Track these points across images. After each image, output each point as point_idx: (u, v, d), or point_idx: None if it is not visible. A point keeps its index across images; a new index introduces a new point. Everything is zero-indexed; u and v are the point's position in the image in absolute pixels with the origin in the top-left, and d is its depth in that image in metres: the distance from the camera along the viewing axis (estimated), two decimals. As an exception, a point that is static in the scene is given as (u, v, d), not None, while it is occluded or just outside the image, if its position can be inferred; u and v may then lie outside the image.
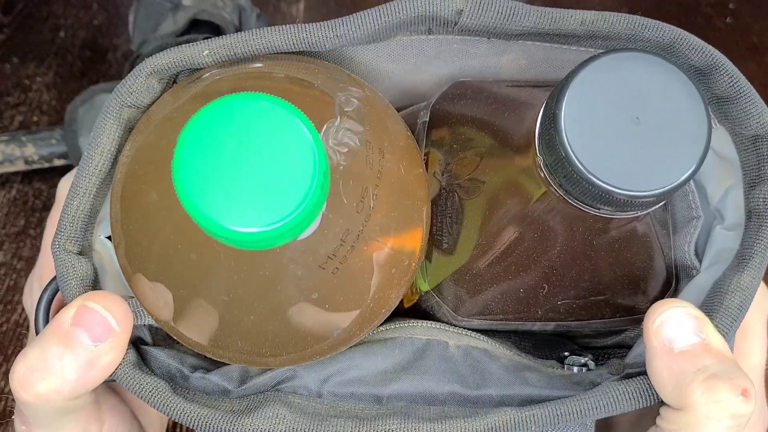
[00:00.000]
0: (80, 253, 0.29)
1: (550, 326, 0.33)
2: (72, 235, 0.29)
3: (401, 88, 0.36)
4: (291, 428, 0.27)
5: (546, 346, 0.35)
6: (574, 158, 0.23)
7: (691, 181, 0.32)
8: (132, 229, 0.27)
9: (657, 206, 0.25)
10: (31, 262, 0.58)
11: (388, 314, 0.29)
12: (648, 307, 0.28)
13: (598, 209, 0.25)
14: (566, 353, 0.32)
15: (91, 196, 0.29)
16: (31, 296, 0.36)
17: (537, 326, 0.33)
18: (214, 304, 0.26)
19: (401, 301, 0.36)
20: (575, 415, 0.27)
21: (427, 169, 0.32)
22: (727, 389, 0.25)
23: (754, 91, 0.29)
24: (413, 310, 0.35)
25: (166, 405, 0.28)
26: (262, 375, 0.30)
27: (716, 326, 0.27)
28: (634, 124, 0.24)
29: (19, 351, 0.50)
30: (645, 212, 0.25)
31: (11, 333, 0.54)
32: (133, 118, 0.30)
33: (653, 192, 0.23)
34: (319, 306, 0.26)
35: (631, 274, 0.30)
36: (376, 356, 0.30)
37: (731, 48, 0.71)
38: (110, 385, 0.33)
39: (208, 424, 0.28)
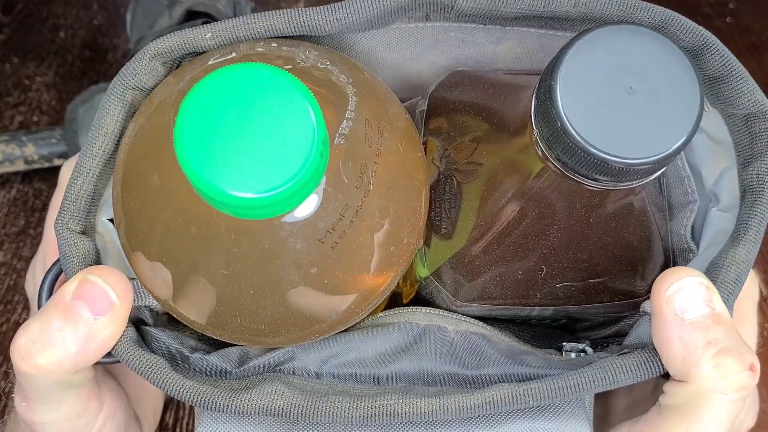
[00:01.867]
0: (83, 233, 0.30)
1: (548, 311, 0.33)
2: (75, 214, 0.29)
3: (400, 79, 0.36)
4: (289, 404, 0.28)
5: (545, 338, 0.35)
6: (570, 127, 0.24)
7: (686, 166, 0.33)
8: (132, 207, 0.28)
9: (652, 176, 0.25)
10: (31, 262, 0.59)
11: (387, 294, 0.29)
12: (646, 292, 0.28)
13: (595, 180, 0.25)
14: (564, 343, 0.33)
15: (95, 176, 0.29)
16: (34, 280, 0.36)
17: (536, 311, 0.33)
18: (213, 280, 0.27)
19: (400, 296, 0.36)
20: (573, 388, 0.27)
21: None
22: (737, 364, 0.26)
23: (745, 70, 0.30)
24: (412, 303, 0.35)
25: (165, 381, 0.28)
26: (261, 357, 0.30)
27: None
28: (628, 94, 0.24)
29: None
30: (641, 182, 0.26)
31: (11, 333, 0.54)
32: (136, 101, 0.30)
33: (648, 159, 0.24)
34: (318, 281, 0.27)
35: (628, 255, 0.31)
36: (375, 339, 0.31)
37: (731, 48, 0.71)
38: (109, 370, 0.34)
39: (206, 399, 0.28)
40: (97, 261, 0.30)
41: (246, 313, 0.27)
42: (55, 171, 0.64)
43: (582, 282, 0.31)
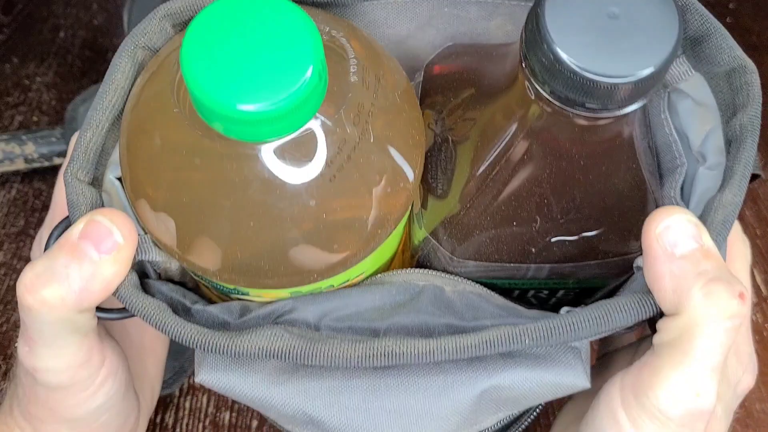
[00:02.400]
0: (90, 184, 0.31)
1: (544, 270, 0.34)
2: (84, 165, 0.30)
3: (400, 61, 0.38)
4: (288, 345, 0.28)
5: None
6: (558, 51, 0.26)
7: (674, 131, 0.34)
8: (136, 155, 0.29)
9: (636, 103, 0.27)
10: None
11: (384, 239, 0.30)
12: (639, 250, 0.29)
13: (583, 108, 0.27)
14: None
15: (104, 130, 0.31)
16: (40, 247, 0.36)
17: (532, 271, 0.34)
18: (214, 213, 0.28)
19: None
20: (568, 327, 0.28)
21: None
22: (726, 291, 0.26)
23: (723, 28, 0.31)
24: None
25: (165, 324, 0.28)
26: (261, 308, 0.31)
27: None
28: (611, 19, 0.26)
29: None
30: (626, 110, 0.27)
31: (11, 333, 0.54)
32: (146, 60, 0.32)
33: (632, 78, 0.25)
34: (316, 215, 0.28)
35: (621, 206, 0.32)
36: (374, 295, 0.31)
37: (731, 48, 0.71)
38: (111, 332, 0.34)
39: (206, 341, 0.28)
40: (100, 203, 0.31)
41: (247, 248, 0.28)
42: (55, 170, 0.64)
43: (576, 236, 0.32)
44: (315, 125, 0.26)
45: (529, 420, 0.36)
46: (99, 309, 0.31)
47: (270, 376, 0.30)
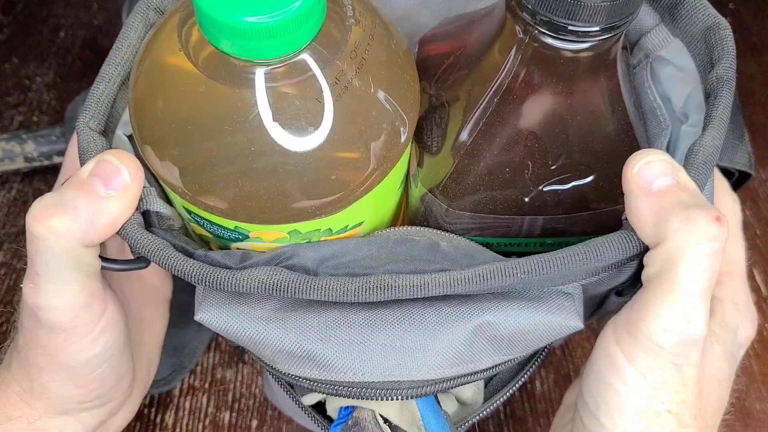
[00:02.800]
0: (102, 134, 0.32)
1: (538, 224, 0.35)
2: (95, 115, 0.32)
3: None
4: (287, 279, 0.29)
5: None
6: None
7: (657, 98, 0.36)
8: (143, 98, 0.30)
9: (624, 24, 0.29)
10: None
11: (379, 178, 0.31)
12: None
13: (567, 31, 0.28)
14: None
15: (116, 84, 0.33)
16: None
17: (526, 225, 0.35)
18: (216, 146, 0.29)
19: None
20: (560, 261, 0.29)
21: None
22: (703, 216, 0.27)
23: None
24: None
25: (167, 259, 0.29)
26: (261, 255, 0.32)
27: None
28: None
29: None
30: (608, 35, 0.29)
31: (11, 333, 0.54)
32: (158, 23, 0.33)
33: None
34: (316, 140, 0.29)
35: (610, 153, 0.33)
36: (371, 246, 0.32)
37: (731, 48, 0.71)
38: (114, 288, 0.35)
39: (207, 276, 0.29)
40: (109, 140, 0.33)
41: (247, 176, 0.29)
42: (55, 170, 0.64)
43: (568, 185, 0.33)
44: (314, 54, 0.28)
45: (528, 373, 0.37)
46: (103, 259, 0.32)
47: (268, 313, 0.31)
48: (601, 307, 0.38)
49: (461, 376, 0.32)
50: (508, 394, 0.37)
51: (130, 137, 0.34)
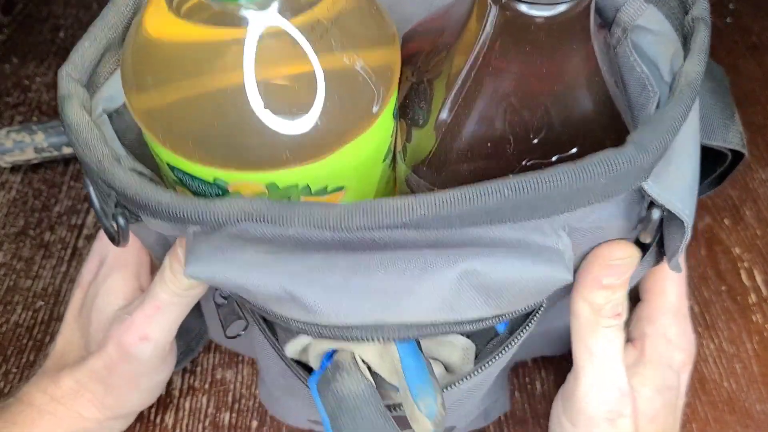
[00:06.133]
0: (84, 87, 0.33)
1: None
2: (77, 66, 0.33)
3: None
4: (267, 206, 0.29)
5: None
6: None
7: (643, 67, 0.37)
8: (131, 49, 0.33)
9: None
10: (30, 262, 0.58)
11: (355, 132, 0.32)
12: None
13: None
14: None
15: (101, 44, 0.34)
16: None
17: None
18: (197, 87, 0.31)
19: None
20: (547, 180, 0.28)
21: (399, 85, 0.37)
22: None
23: None
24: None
25: (144, 190, 0.29)
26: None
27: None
28: None
29: (19, 351, 0.50)
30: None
31: (11, 333, 0.54)
32: None
33: None
34: (291, 81, 0.30)
35: (591, 126, 0.33)
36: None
37: (731, 48, 0.71)
38: None
39: (184, 206, 0.29)
40: (89, 105, 0.34)
41: (221, 108, 0.30)
42: (55, 172, 0.64)
43: (550, 159, 0.33)
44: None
45: (517, 340, 0.36)
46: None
47: (252, 258, 0.30)
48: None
49: (447, 323, 0.31)
50: (496, 358, 0.36)
51: (110, 115, 0.36)
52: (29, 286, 0.57)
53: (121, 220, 0.32)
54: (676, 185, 0.31)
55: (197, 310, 0.43)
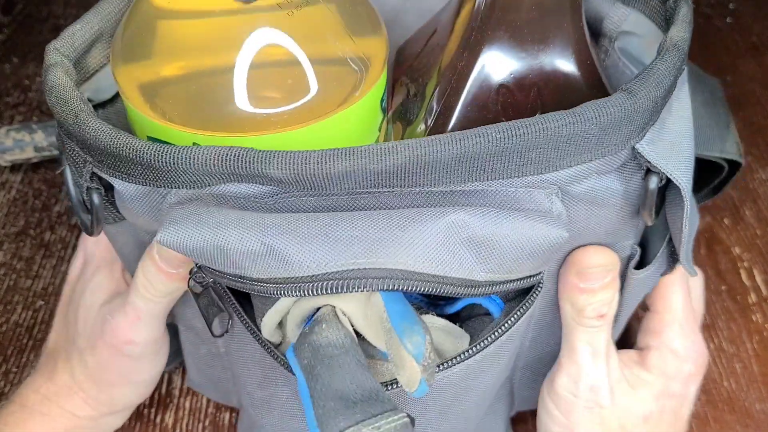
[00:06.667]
0: (73, 64, 0.34)
1: None
2: (67, 43, 0.34)
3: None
4: (243, 150, 0.28)
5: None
6: None
7: (631, 67, 0.38)
8: (124, 24, 0.34)
9: None
10: (30, 262, 0.58)
11: (330, 107, 0.32)
12: None
13: None
14: None
15: (93, 30, 0.35)
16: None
17: None
18: (172, 49, 0.32)
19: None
20: (540, 124, 0.28)
21: (393, 94, 0.37)
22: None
23: None
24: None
25: (117, 138, 0.29)
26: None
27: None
28: None
29: (19, 351, 0.50)
30: None
31: (11, 333, 0.54)
32: None
33: None
34: (270, 49, 0.31)
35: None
36: None
37: (731, 48, 0.71)
38: None
39: (158, 154, 0.29)
40: (74, 78, 0.34)
41: (198, 70, 0.32)
42: (54, 172, 0.64)
43: None
44: None
45: (512, 321, 0.35)
46: None
47: (228, 217, 0.29)
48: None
49: (435, 278, 0.30)
50: (491, 338, 0.35)
51: (96, 106, 0.37)
52: (29, 285, 0.57)
53: (96, 198, 0.32)
54: (672, 155, 0.31)
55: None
